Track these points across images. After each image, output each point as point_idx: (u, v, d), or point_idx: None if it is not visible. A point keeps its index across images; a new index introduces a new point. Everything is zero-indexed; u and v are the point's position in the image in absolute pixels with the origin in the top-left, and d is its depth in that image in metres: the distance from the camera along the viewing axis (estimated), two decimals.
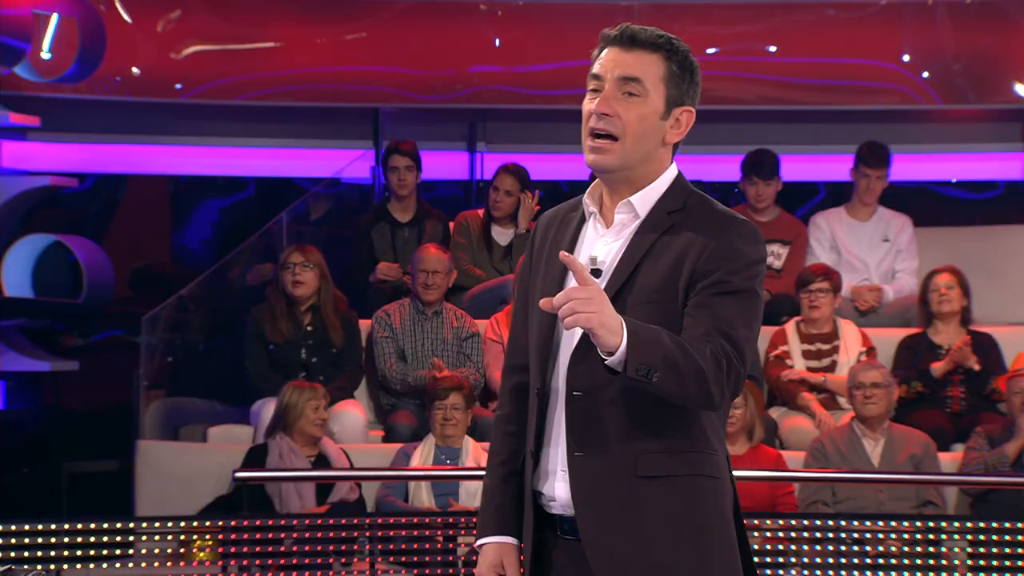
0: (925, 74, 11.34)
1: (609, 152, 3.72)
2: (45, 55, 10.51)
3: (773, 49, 11.47)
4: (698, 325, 3.63)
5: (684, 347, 3.56)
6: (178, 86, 11.30)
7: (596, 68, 3.76)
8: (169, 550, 7.30)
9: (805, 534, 7.30)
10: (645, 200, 3.77)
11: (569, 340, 3.74)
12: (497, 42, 11.37)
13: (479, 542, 3.92)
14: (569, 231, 3.83)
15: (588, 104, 3.75)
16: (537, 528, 3.83)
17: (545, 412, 3.78)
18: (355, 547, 7.44)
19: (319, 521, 7.39)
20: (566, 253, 3.61)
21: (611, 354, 3.52)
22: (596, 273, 3.70)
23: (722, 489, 3.79)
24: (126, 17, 11.14)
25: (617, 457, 3.68)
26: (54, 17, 10.46)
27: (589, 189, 3.84)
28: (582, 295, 3.49)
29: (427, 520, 7.43)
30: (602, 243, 3.77)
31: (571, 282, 3.68)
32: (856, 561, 7.33)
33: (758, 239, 3.75)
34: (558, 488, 3.75)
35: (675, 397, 3.60)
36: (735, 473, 3.89)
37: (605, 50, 3.78)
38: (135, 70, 11.24)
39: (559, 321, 3.60)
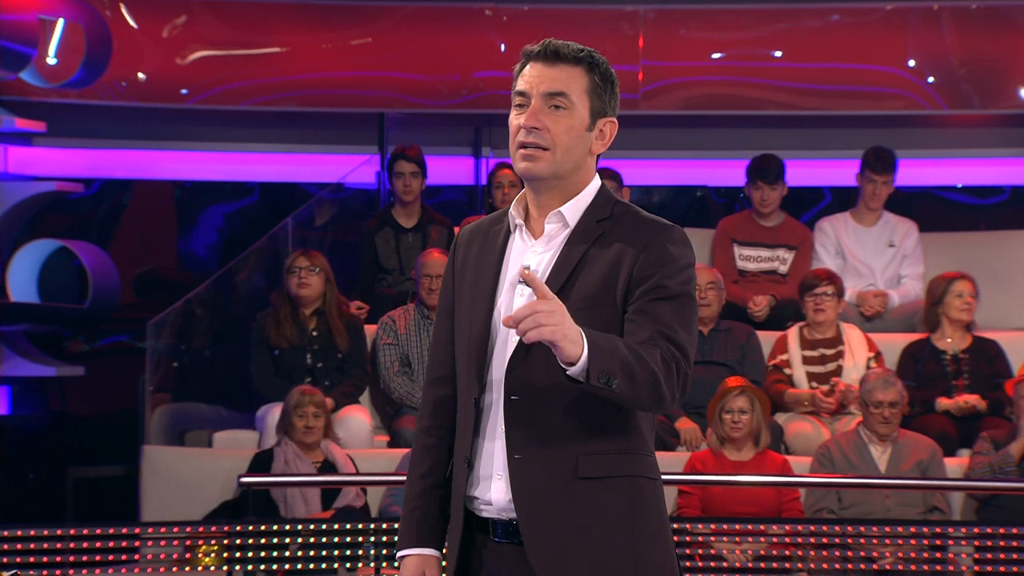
0: (931, 79, 11.34)
1: (540, 160, 3.81)
2: (51, 60, 10.52)
3: (778, 54, 11.47)
4: (641, 330, 3.70)
5: (638, 353, 3.62)
6: (184, 91, 11.32)
7: (521, 84, 3.85)
8: (175, 555, 7.30)
9: (811, 540, 7.29)
10: (574, 210, 3.83)
11: (503, 348, 3.79)
12: (502, 47, 11.37)
13: (400, 553, 3.95)
14: (496, 244, 3.90)
15: (515, 119, 3.85)
16: (465, 533, 3.86)
17: (480, 419, 3.81)
18: (360, 552, 7.44)
19: (324, 526, 7.39)
20: (528, 272, 3.63)
21: (571, 364, 3.56)
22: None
23: (658, 490, 3.85)
24: (132, 22, 11.15)
25: (557, 459, 3.73)
26: (60, 22, 10.48)
27: (514, 202, 3.92)
28: (544, 308, 3.52)
29: None
30: (531, 254, 3.83)
31: (503, 295, 3.81)
32: (862, 567, 7.32)
33: (688, 244, 3.83)
34: (494, 491, 3.79)
35: (629, 402, 3.66)
36: (742, 478, 3.93)
37: (528, 66, 3.87)
38: (141, 75, 11.25)
39: (492, 330, 3.74)
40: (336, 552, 7.29)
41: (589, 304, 3.73)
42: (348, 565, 7.43)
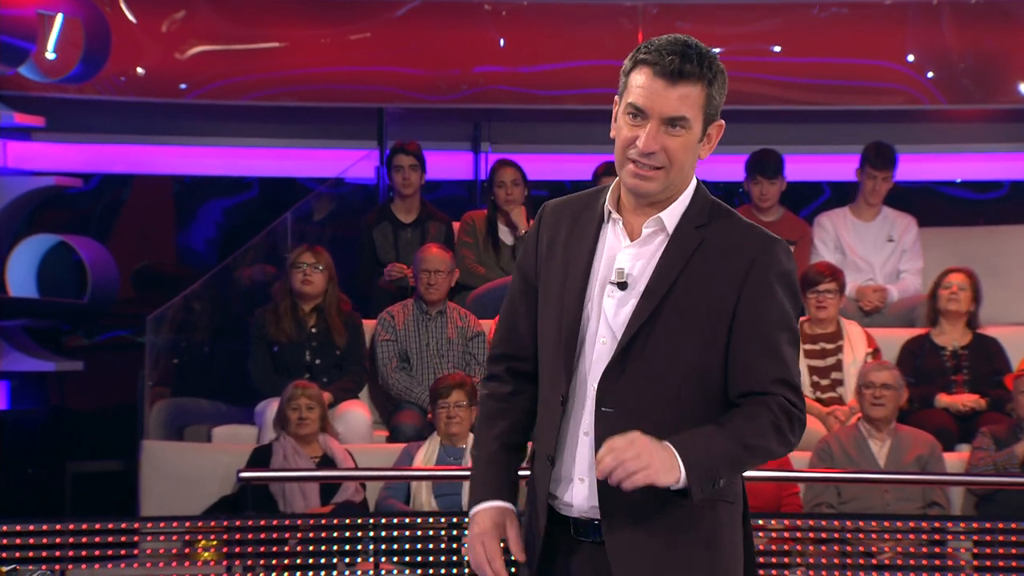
0: (930, 74, 11.34)
1: (655, 180, 3.74)
2: (50, 55, 10.52)
3: (778, 49, 11.47)
4: (762, 370, 3.69)
5: (742, 438, 3.66)
6: (182, 86, 11.31)
7: (639, 99, 3.71)
8: (173, 550, 7.29)
9: (810, 534, 7.29)
10: (672, 215, 3.78)
11: (591, 349, 3.75)
12: (502, 42, 11.37)
13: (478, 508, 3.89)
14: (588, 233, 3.81)
15: (628, 131, 3.72)
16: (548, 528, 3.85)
17: (565, 418, 3.78)
18: (359, 547, 7.44)
19: (323, 521, 7.38)
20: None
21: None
22: (623, 286, 3.72)
23: (739, 513, 3.86)
24: (131, 17, 11.14)
25: None
26: (58, 17, 10.47)
27: (609, 192, 3.83)
28: (629, 453, 3.55)
29: (431, 520, 7.43)
30: (626, 254, 3.77)
31: (595, 284, 3.75)
32: (861, 562, 7.32)
33: (793, 258, 3.81)
34: (576, 494, 3.78)
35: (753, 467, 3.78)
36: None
37: (646, 75, 3.73)
38: (139, 70, 11.24)
39: (582, 328, 3.70)
40: (335, 547, 7.28)
41: (691, 321, 3.69)
42: (347, 560, 7.43)
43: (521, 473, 3.94)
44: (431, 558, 7.26)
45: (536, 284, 3.87)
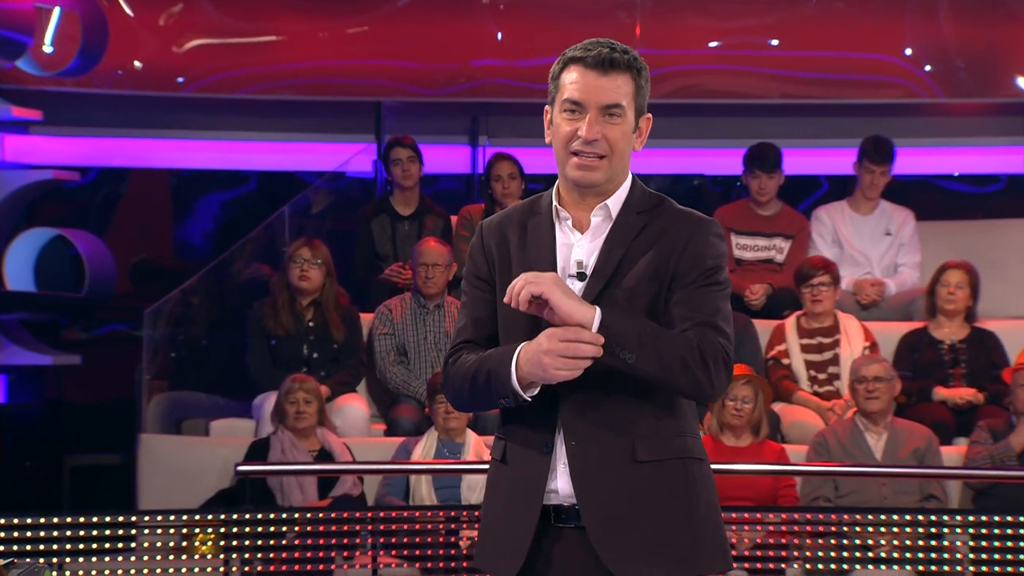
0: (927, 68, 11.33)
1: (599, 169, 3.93)
2: (47, 49, 10.51)
3: (775, 43, 11.46)
4: (686, 318, 3.86)
5: (665, 334, 3.80)
6: (180, 80, 11.30)
7: (574, 93, 3.90)
8: (171, 543, 7.30)
9: (807, 528, 7.30)
10: (616, 203, 3.97)
11: None
12: (499, 36, 11.36)
13: (515, 353, 3.84)
14: (541, 234, 3.97)
15: (567, 125, 3.92)
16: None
17: (555, 412, 3.89)
18: (357, 541, 7.44)
19: (321, 515, 7.39)
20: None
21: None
22: (582, 276, 3.90)
23: (708, 470, 3.97)
24: (128, 11, 11.13)
25: (613, 444, 3.85)
26: (56, 11, 10.47)
27: (553, 194, 4.01)
28: (525, 276, 3.79)
29: (429, 514, 7.43)
30: (580, 247, 3.95)
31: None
32: (859, 555, 7.33)
33: (723, 239, 4.01)
34: (560, 480, 3.88)
35: (662, 383, 3.81)
36: (739, 467, 4.03)
37: (576, 72, 3.92)
38: (137, 64, 11.23)
39: (555, 324, 3.78)
40: (333, 540, 7.29)
41: (634, 294, 3.87)
42: (345, 553, 7.43)
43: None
44: (429, 551, 7.26)
45: (491, 291, 4.02)
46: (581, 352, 3.75)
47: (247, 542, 7.19)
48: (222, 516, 7.30)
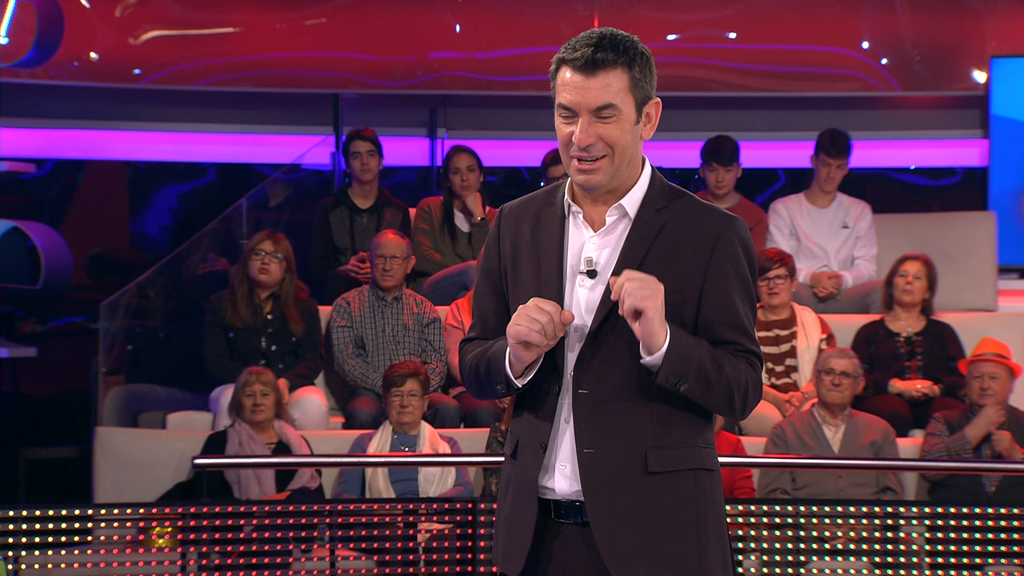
0: (884, 61, 11.38)
1: (600, 171, 3.82)
2: (2, 40, 10.45)
3: (733, 36, 11.49)
4: (729, 341, 3.82)
5: (721, 363, 3.78)
6: (137, 71, 11.26)
7: (564, 98, 3.80)
8: (128, 536, 7.27)
9: (764, 520, 7.32)
10: (632, 201, 3.88)
11: (571, 341, 3.84)
12: (457, 28, 11.35)
13: (507, 355, 3.83)
14: (552, 229, 3.91)
15: (564, 127, 3.83)
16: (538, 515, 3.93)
17: (557, 408, 3.87)
18: (315, 534, 7.43)
19: (279, 508, 7.37)
20: (611, 279, 3.72)
21: (649, 352, 3.71)
22: (592, 274, 3.83)
23: (717, 481, 3.92)
24: (84, 2, 11.08)
25: (626, 453, 3.81)
26: (11, 2, 10.41)
27: (566, 187, 3.93)
28: (639, 278, 3.67)
29: (387, 507, 7.42)
30: (592, 244, 3.87)
31: (567, 276, 3.84)
32: (815, 547, 7.35)
33: (750, 235, 3.94)
34: (559, 482, 3.86)
35: (699, 402, 3.80)
36: None
37: (567, 73, 3.81)
38: (93, 55, 11.18)
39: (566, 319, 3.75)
40: (291, 533, 7.28)
41: (667, 299, 3.76)
42: (303, 546, 7.42)
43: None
44: (387, 544, 7.26)
45: (503, 283, 3.98)
46: (539, 319, 3.72)
47: (204, 535, 7.17)
48: (179, 509, 7.28)
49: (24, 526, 7.01)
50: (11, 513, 7.02)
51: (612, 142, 3.80)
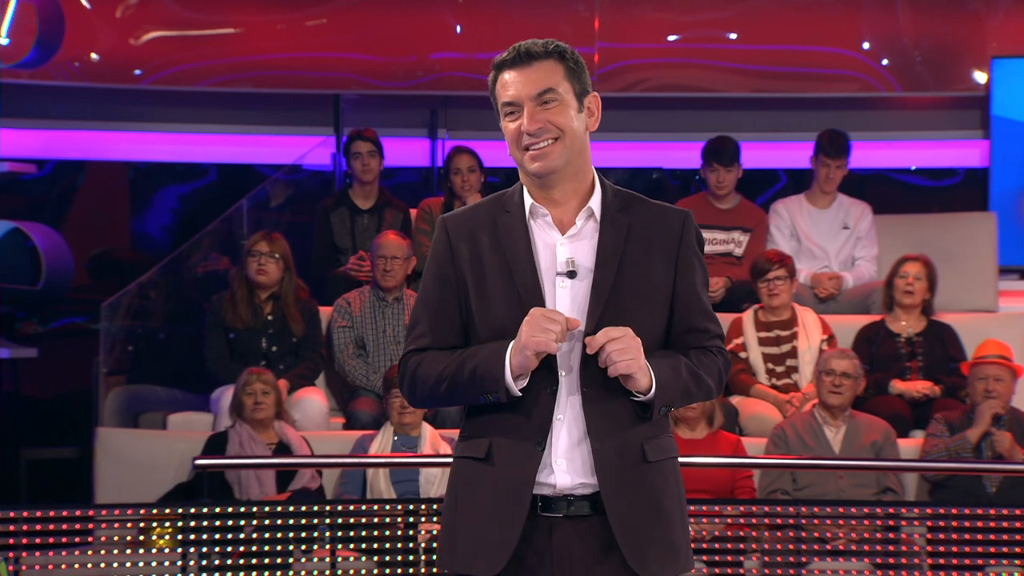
0: (885, 61, 11.38)
1: (552, 152, 3.96)
2: (3, 41, 10.45)
3: (734, 36, 11.49)
4: (697, 330, 4.04)
5: (698, 375, 4.01)
6: (137, 72, 11.26)
7: (507, 95, 3.97)
8: (128, 537, 7.28)
9: (765, 520, 7.32)
10: (596, 203, 4.03)
11: (569, 344, 3.93)
12: (458, 29, 11.35)
13: (507, 351, 3.90)
14: (515, 233, 3.99)
15: (511, 125, 3.99)
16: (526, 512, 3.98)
17: (552, 408, 3.96)
18: (315, 534, 7.43)
19: (279, 508, 7.37)
20: (592, 339, 3.87)
21: (639, 391, 3.91)
22: (572, 275, 3.94)
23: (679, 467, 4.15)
24: (85, 3, 11.08)
25: (628, 445, 3.96)
26: (12, 2, 10.41)
27: (524, 194, 4.03)
28: (619, 345, 3.84)
29: (387, 508, 7.43)
30: (564, 247, 3.99)
31: (549, 287, 3.95)
32: (816, 547, 7.35)
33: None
34: (559, 477, 3.95)
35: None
36: (697, 460, 4.13)
37: (504, 75, 3.99)
38: (94, 56, 11.18)
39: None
40: (291, 534, 7.28)
41: (644, 298, 3.98)
42: (303, 547, 7.42)
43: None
44: (387, 545, 7.26)
45: (459, 291, 4.02)
46: (553, 329, 3.83)
47: (205, 536, 7.17)
48: (180, 510, 7.28)
49: (25, 527, 7.02)
50: (12, 514, 7.02)
51: (560, 125, 3.95)
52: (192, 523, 7.18)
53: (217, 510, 7.24)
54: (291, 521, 7.29)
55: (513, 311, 3.92)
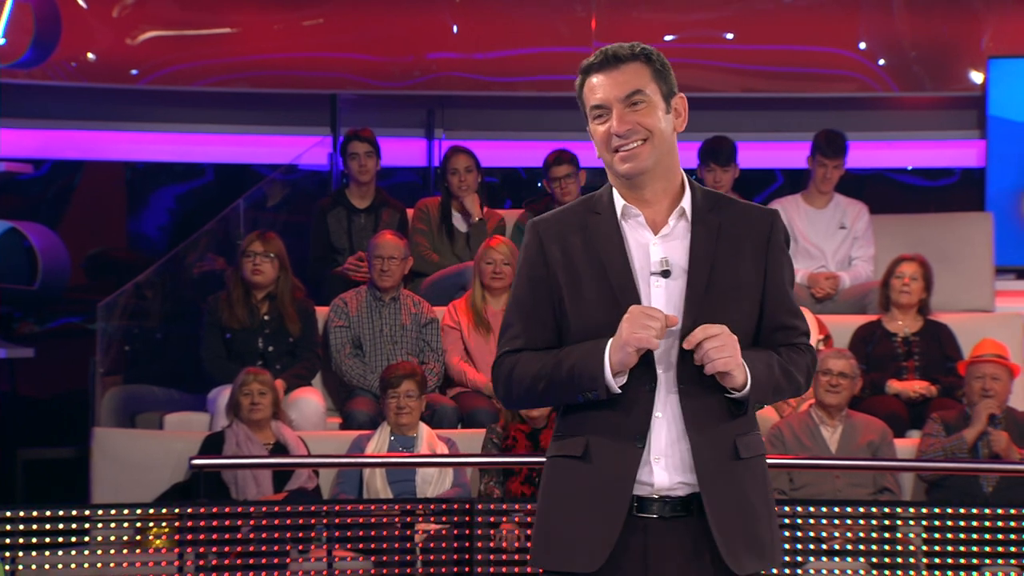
0: (881, 61, 11.39)
1: (642, 154, 4.01)
2: None
3: (731, 36, 11.49)
4: (788, 328, 4.12)
5: (788, 370, 4.08)
6: (134, 72, 11.26)
7: (596, 98, 4.02)
8: (125, 537, 7.27)
9: None
10: (687, 203, 4.08)
11: (667, 341, 3.98)
12: (455, 29, 11.36)
13: (605, 348, 3.95)
14: (608, 234, 4.04)
15: (600, 127, 4.03)
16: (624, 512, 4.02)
17: (651, 406, 4.00)
18: (312, 534, 7.43)
19: (276, 508, 7.37)
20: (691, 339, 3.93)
21: (734, 387, 3.97)
22: (667, 274, 4.01)
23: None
24: (81, 2, 11.08)
25: (722, 441, 4.02)
26: (8, 2, 10.41)
27: (613, 195, 4.07)
28: (717, 342, 3.90)
29: (384, 507, 7.43)
30: (657, 247, 4.04)
31: (643, 286, 4.00)
32: (813, 547, 7.36)
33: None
34: (658, 475, 3.99)
35: None
36: None
37: (592, 79, 4.04)
38: (91, 56, 11.18)
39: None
40: (288, 534, 7.28)
41: (737, 296, 4.04)
42: (300, 547, 7.42)
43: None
44: (384, 545, 7.26)
45: (554, 292, 4.06)
46: (654, 326, 3.88)
47: (202, 535, 7.17)
48: (176, 510, 7.28)
49: (22, 527, 7.01)
50: (8, 514, 7.02)
51: (649, 126, 3.99)
52: (189, 523, 7.18)
53: (214, 510, 7.23)
54: (288, 521, 7.29)
55: (608, 311, 3.97)
